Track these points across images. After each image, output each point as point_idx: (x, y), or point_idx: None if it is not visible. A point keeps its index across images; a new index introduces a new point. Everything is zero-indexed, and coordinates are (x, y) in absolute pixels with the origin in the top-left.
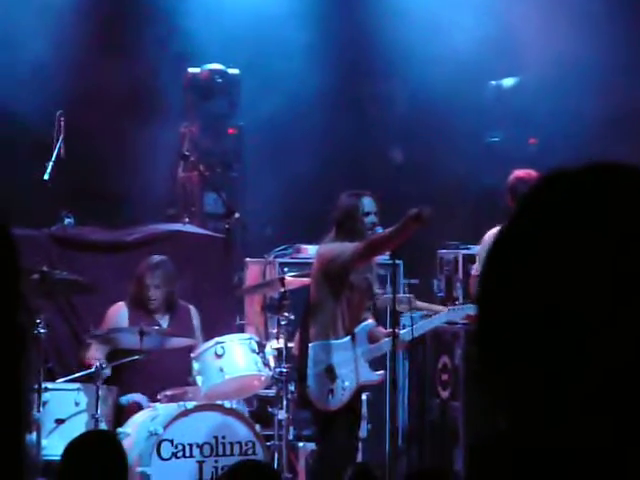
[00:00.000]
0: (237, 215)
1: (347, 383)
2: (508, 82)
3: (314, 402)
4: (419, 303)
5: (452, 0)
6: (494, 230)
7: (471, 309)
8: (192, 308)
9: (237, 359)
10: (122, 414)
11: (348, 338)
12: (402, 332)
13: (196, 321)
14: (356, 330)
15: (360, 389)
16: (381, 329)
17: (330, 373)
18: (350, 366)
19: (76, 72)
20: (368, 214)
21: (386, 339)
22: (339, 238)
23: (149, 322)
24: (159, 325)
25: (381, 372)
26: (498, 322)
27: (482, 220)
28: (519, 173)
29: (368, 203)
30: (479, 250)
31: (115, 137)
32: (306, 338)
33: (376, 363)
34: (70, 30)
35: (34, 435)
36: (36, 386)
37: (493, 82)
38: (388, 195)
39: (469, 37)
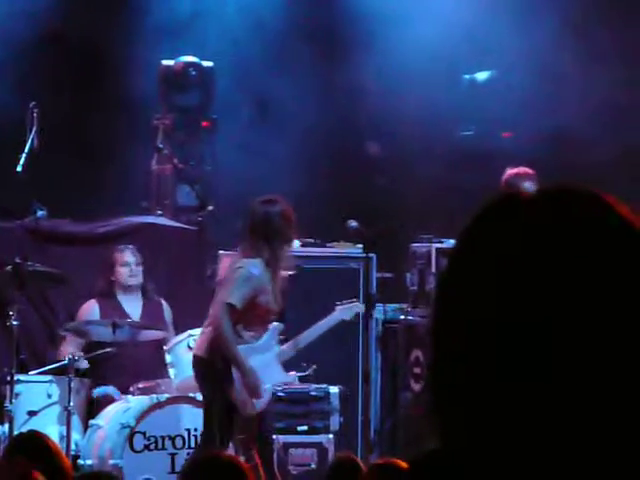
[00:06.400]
0: (210, 208)
1: (267, 385)
2: (482, 75)
3: (240, 406)
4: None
5: None
6: None
7: (360, 307)
8: (164, 303)
9: None
10: (94, 406)
11: (262, 341)
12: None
13: (168, 316)
14: (268, 333)
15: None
16: None
17: None
18: (267, 368)
19: (48, 62)
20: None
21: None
22: (271, 248)
23: (119, 314)
24: (129, 317)
25: (292, 373)
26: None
27: (455, 214)
28: (513, 170)
29: (291, 210)
30: None
31: (88, 129)
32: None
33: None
34: (44, 18)
35: (6, 427)
36: (9, 378)
37: (467, 76)
38: (363, 189)
39: (442, 29)
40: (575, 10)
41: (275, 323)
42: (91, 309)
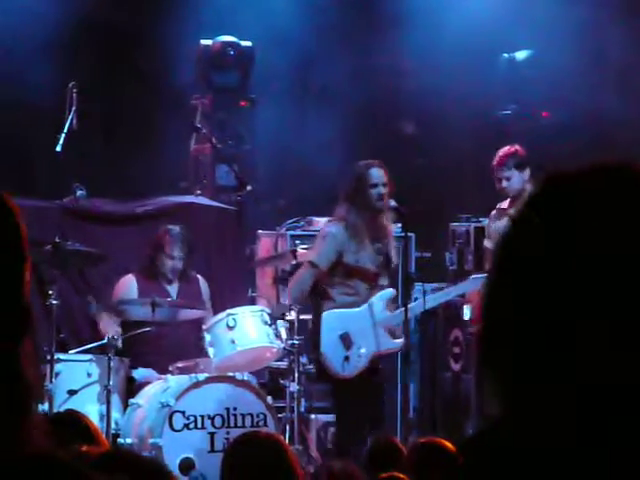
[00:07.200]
0: (249, 188)
1: (363, 350)
2: (521, 55)
3: (328, 369)
4: None
5: None
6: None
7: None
8: (200, 278)
9: (249, 331)
10: (134, 385)
11: (365, 306)
12: (413, 305)
13: (205, 291)
14: (374, 298)
15: (377, 357)
16: None
17: (345, 340)
18: (367, 334)
19: (86, 42)
20: (375, 185)
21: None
22: (349, 210)
23: (159, 293)
24: (169, 296)
25: (401, 340)
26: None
27: (493, 193)
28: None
29: (376, 174)
30: (487, 225)
31: (127, 109)
32: (319, 306)
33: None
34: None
35: (46, 406)
36: (48, 357)
37: (506, 55)
38: (400, 167)
39: (483, 7)
40: None
41: (389, 289)
42: (129, 284)
